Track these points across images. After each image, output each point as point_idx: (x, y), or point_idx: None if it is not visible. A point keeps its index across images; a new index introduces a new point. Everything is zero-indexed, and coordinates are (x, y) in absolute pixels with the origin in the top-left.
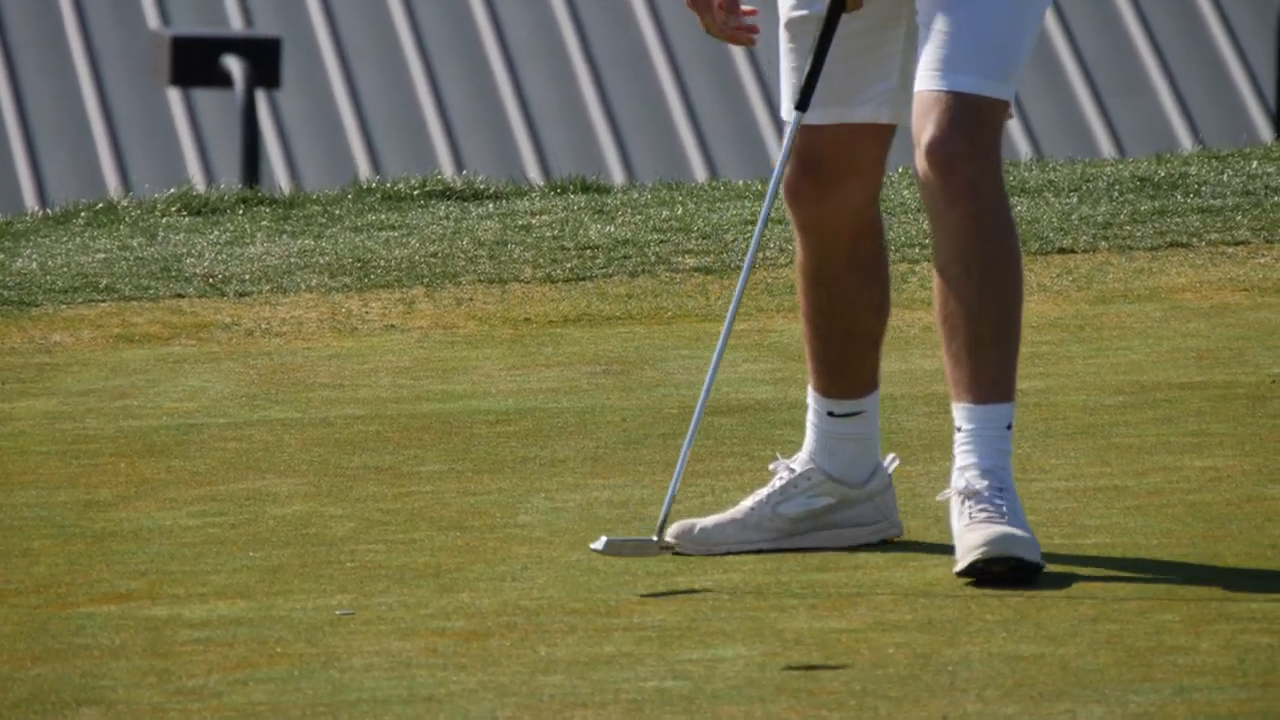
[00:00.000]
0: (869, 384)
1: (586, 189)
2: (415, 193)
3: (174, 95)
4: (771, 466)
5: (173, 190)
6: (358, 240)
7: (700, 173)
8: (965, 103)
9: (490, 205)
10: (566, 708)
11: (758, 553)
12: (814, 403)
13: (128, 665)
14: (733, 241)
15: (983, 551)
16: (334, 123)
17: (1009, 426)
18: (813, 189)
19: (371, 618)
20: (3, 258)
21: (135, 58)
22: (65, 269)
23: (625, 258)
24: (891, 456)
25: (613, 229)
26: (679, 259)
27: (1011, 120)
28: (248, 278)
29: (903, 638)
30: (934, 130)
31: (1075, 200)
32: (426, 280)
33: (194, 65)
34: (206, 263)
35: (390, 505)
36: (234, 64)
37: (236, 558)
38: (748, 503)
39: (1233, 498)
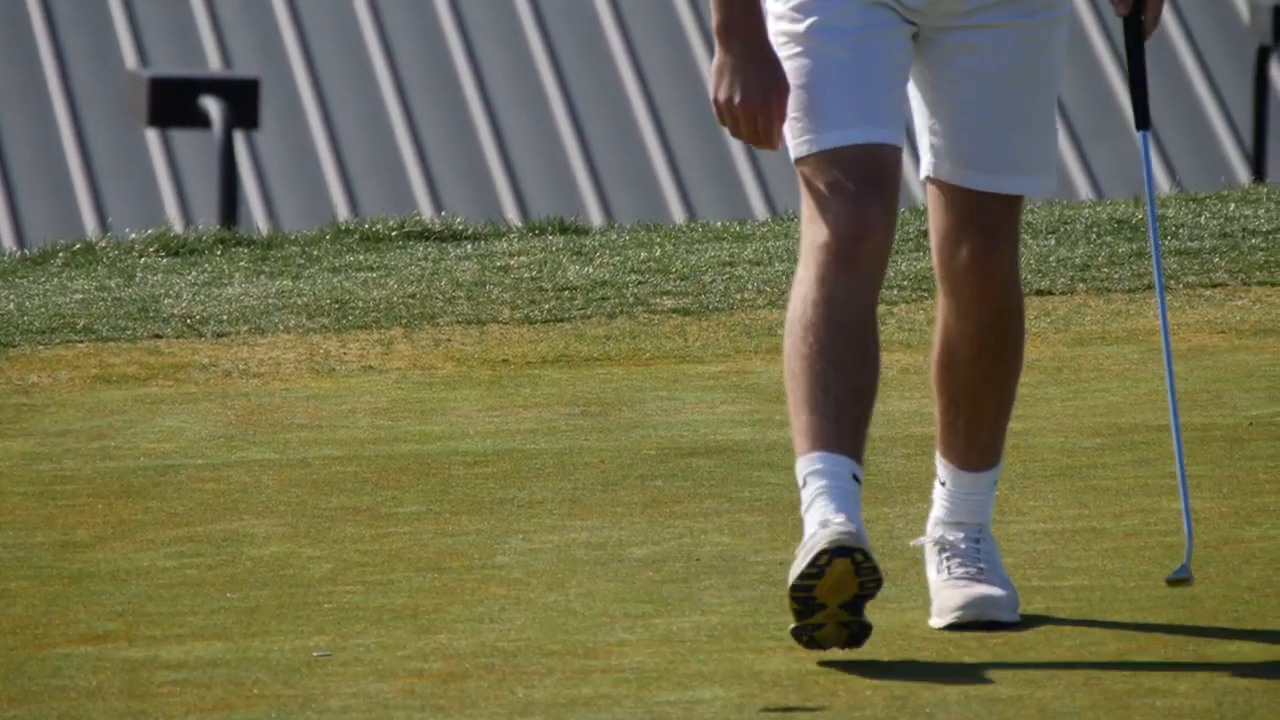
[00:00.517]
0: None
1: (565, 230)
2: (393, 234)
3: (152, 136)
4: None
5: (150, 231)
6: (336, 281)
7: (678, 214)
8: (1017, 205)
9: (468, 246)
10: None
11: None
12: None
13: (104, 707)
14: (710, 283)
15: (958, 615)
16: (312, 164)
17: (994, 481)
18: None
19: (349, 659)
20: None
21: (113, 98)
22: (43, 309)
23: (603, 299)
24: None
25: (591, 270)
26: (657, 300)
27: None
28: (225, 318)
29: (880, 679)
30: (987, 238)
31: (1053, 242)
32: (405, 321)
33: (172, 106)
34: (184, 303)
35: (368, 546)
36: (212, 105)
37: (214, 599)
38: None
39: (1210, 540)
